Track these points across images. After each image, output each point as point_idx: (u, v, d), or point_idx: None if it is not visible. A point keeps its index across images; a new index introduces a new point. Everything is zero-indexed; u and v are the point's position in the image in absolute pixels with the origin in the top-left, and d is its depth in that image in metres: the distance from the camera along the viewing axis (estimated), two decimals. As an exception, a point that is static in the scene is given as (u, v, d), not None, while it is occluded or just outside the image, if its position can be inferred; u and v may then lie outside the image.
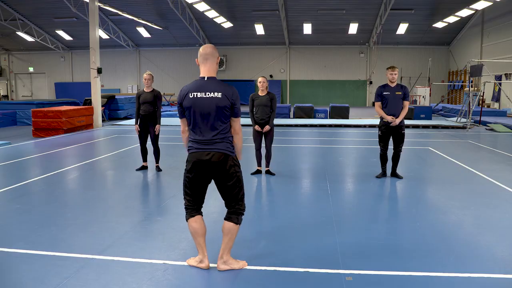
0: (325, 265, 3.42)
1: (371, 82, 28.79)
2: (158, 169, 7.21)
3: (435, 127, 14.89)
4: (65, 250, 3.70)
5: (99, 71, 15.16)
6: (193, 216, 3.31)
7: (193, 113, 3.14)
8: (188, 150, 3.25)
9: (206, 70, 3.19)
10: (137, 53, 31.08)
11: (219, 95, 3.10)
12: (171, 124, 15.29)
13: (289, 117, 18.07)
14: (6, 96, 32.43)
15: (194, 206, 3.33)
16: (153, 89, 7.04)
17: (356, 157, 9.01)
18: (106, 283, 3.12)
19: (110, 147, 10.41)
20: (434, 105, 21.75)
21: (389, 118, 6.34)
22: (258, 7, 23.57)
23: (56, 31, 28.02)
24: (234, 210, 3.29)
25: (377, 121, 6.60)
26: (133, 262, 3.48)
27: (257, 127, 6.68)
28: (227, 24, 25.52)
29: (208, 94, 3.10)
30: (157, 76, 30.65)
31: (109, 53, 29.31)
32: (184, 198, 3.34)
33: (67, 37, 28.81)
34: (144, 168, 7.29)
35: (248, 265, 3.40)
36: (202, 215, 3.37)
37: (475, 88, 20.42)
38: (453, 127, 14.66)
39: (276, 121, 16.01)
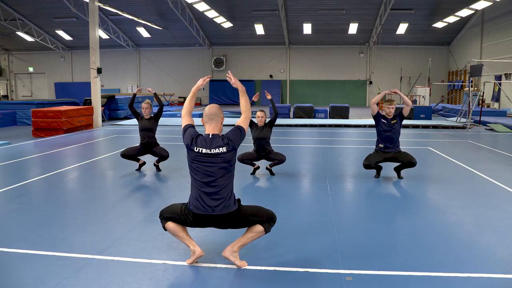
0: (325, 265, 3.43)
1: (371, 82, 28.80)
2: (158, 169, 7.21)
3: (435, 127, 14.90)
4: (65, 250, 3.70)
5: (99, 71, 15.16)
6: (171, 222, 3.38)
7: (197, 165, 3.23)
8: (190, 203, 3.28)
9: (211, 129, 3.29)
10: (137, 53, 31.09)
11: (224, 149, 3.20)
12: (171, 124, 15.29)
13: (289, 117, 18.07)
14: (6, 96, 32.43)
15: (174, 221, 3.39)
16: (151, 116, 7.03)
17: (356, 157, 9.01)
18: (106, 283, 3.12)
19: (110, 147, 10.41)
20: (434, 105, 21.75)
21: (386, 92, 6.53)
22: (258, 7, 23.57)
23: (56, 31, 28.03)
24: (267, 219, 3.34)
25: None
26: (133, 262, 3.48)
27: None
28: (227, 24, 25.53)
29: (213, 150, 3.20)
30: (157, 76, 30.72)
31: (109, 53, 29.31)
32: (166, 217, 3.38)
33: (67, 37, 28.82)
34: (142, 165, 7.27)
35: (248, 265, 3.40)
36: None
37: (475, 88, 20.42)
38: (453, 127, 14.66)
39: (276, 121, 15.99)
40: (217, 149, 3.20)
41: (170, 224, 3.36)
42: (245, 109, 3.42)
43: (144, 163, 7.30)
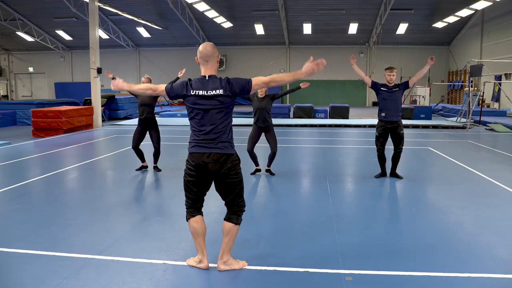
0: (325, 265, 3.42)
1: (371, 82, 28.78)
2: (157, 169, 7.21)
3: (435, 127, 14.89)
4: (65, 250, 3.69)
5: (99, 71, 15.16)
6: (194, 216, 3.32)
7: (195, 111, 3.16)
8: (189, 147, 3.24)
9: (207, 71, 3.21)
10: (137, 53, 31.09)
11: (221, 91, 3.12)
12: (171, 124, 15.30)
13: (289, 117, 18.08)
14: (6, 96, 32.43)
15: (195, 206, 3.32)
16: None
17: (356, 157, 9.01)
18: (106, 283, 3.12)
19: (110, 147, 10.41)
20: (434, 105, 21.75)
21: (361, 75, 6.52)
22: (258, 7, 23.57)
23: (56, 31, 28.03)
24: (234, 210, 3.30)
25: (376, 121, 6.61)
26: (133, 262, 3.48)
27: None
28: (227, 24, 25.53)
29: (210, 92, 3.12)
30: (156, 76, 30.66)
31: (109, 53, 29.31)
32: (186, 197, 3.34)
33: (67, 37, 28.82)
34: (144, 167, 7.29)
35: (248, 265, 3.40)
36: (202, 215, 3.37)
37: (475, 88, 20.42)
38: (453, 127, 14.66)
39: (276, 121, 16.00)
40: (213, 90, 3.11)
41: (193, 224, 3.29)
42: (272, 76, 3.16)
43: (146, 166, 7.31)
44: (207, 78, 3.17)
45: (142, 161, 7.27)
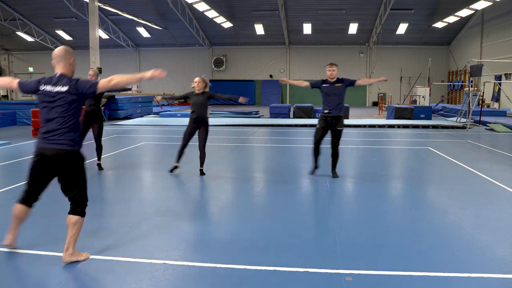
0: (325, 265, 3.42)
1: (371, 82, 28.80)
2: (100, 167, 7.15)
3: (435, 127, 14.89)
4: (65, 250, 3.69)
5: (99, 71, 15.16)
6: (22, 204, 3.55)
7: (42, 106, 3.38)
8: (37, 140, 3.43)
9: (59, 69, 3.44)
10: (137, 53, 31.10)
11: (65, 88, 3.33)
12: (171, 124, 15.28)
13: (289, 117, 18.08)
14: (6, 96, 32.43)
15: (28, 197, 3.54)
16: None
17: (356, 157, 9.01)
18: (106, 283, 3.12)
19: (110, 147, 10.40)
20: (434, 105, 21.76)
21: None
22: (258, 7, 23.59)
23: (56, 31, 28.05)
24: (79, 204, 3.50)
25: (377, 121, 6.61)
26: (133, 262, 3.48)
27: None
28: (227, 24, 25.54)
29: (55, 89, 3.34)
30: (157, 76, 30.65)
31: (109, 53, 29.32)
32: (26, 184, 3.53)
33: (67, 37, 28.83)
34: (99, 167, 7.26)
35: (247, 265, 3.40)
36: (29, 208, 3.59)
37: (475, 88, 20.43)
38: (453, 127, 14.65)
39: (276, 121, 16.00)
40: (59, 87, 3.32)
41: (16, 211, 3.55)
42: (112, 77, 3.39)
43: (99, 164, 7.31)
44: (57, 75, 3.40)
45: (98, 159, 7.25)
